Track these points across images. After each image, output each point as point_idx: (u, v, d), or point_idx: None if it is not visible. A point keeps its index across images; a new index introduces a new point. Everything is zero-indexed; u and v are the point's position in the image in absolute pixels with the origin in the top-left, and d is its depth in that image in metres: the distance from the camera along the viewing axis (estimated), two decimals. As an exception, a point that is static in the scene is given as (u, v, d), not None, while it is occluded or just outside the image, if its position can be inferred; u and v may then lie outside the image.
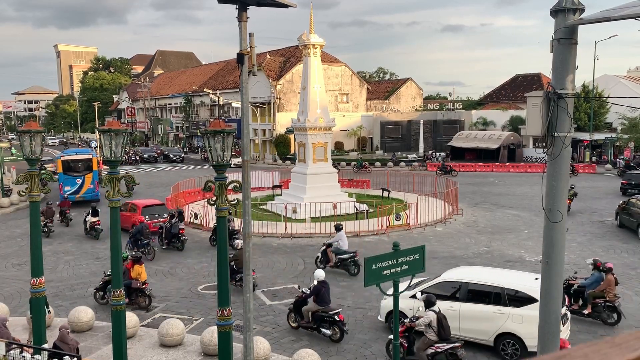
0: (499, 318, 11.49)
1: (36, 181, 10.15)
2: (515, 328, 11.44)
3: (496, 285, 11.98)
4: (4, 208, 31.84)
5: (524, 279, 12.43)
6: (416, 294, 12.30)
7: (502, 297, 11.74)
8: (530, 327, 10.70)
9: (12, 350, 9.69)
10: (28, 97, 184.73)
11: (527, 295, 11.48)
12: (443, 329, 10.92)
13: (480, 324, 11.72)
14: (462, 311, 11.92)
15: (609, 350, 0.92)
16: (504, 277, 12.70)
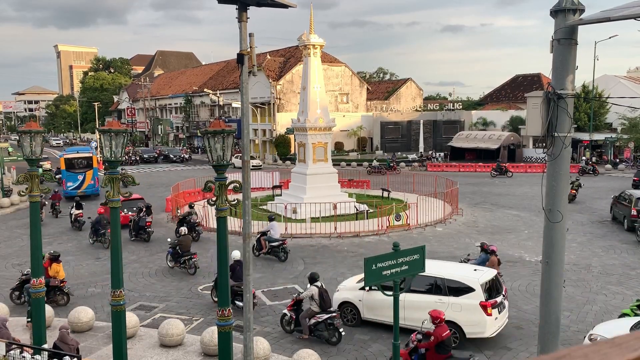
0: (440, 307, 11.84)
1: (36, 181, 10.15)
2: (454, 316, 11.93)
3: (437, 276, 12.51)
4: (4, 208, 31.84)
5: (464, 270, 13.07)
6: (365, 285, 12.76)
7: (443, 287, 12.33)
8: (468, 315, 11.83)
9: (12, 350, 9.69)
10: (28, 97, 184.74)
11: (465, 285, 12.12)
12: (324, 301, 12.46)
13: (423, 313, 11.89)
14: (406, 301, 12.27)
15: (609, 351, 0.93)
16: (445, 268, 13.27)
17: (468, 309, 11.80)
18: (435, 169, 48.31)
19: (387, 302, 11.91)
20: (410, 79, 77.46)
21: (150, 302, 15.59)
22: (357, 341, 12.68)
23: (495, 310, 11.91)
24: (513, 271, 17.87)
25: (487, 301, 11.80)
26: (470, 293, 11.92)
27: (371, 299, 13.02)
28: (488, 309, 11.73)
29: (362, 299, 13.20)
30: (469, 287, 12.03)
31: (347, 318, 13.42)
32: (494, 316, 11.86)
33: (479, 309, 11.76)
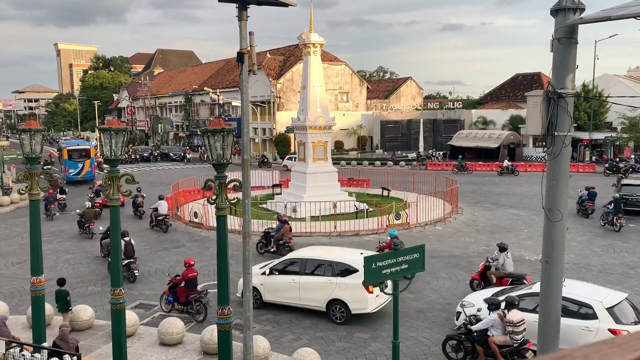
0: (330, 287, 13.59)
1: (36, 180, 10.15)
2: (341, 295, 13.51)
3: (327, 259, 14.10)
4: (4, 206, 31.83)
5: (351, 254, 14.69)
6: (265, 271, 14.58)
7: (332, 269, 13.81)
8: (353, 293, 13.38)
9: (11, 348, 9.69)
10: (28, 95, 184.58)
11: (352, 267, 13.60)
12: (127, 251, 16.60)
13: (315, 293, 13.78)
14: (301, 283, 13.97)
15: (609, 351, 0.92)
16: (335, 252, 15.03)
17: (353, 288, 13.30)
18: (435, 167, 48.31)
19: (285, 285, 14.14)
20: (410, 78, 77.43)
21: (150, 300, 15.59)
22: (357, 340, 12.69)
23: (377, 288, 12.76)
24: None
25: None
26: (355, 274, 13.29)
27: (271, 282, 14.40)
28: (370, 287, 13.06)
29: (263, 283, 14.51)
30: (354, 268, 13.46)
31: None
32: (375, 294, 13.27)
33: (361, 287, 13.12)
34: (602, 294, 11.48)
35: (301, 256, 14.75)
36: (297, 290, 13.81)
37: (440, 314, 14.22)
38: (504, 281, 14.88)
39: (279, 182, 34.06)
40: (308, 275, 14.03)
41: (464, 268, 18.19)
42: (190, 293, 14.04)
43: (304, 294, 13.91)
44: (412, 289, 14.93)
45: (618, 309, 11.01)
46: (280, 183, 33.45)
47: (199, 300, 14.02)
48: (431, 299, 15.38)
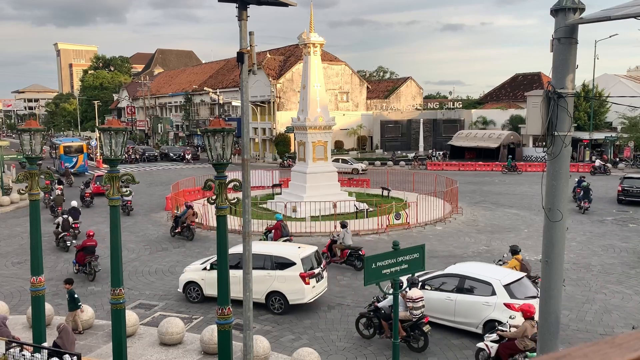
0: (269, 280, 14.37)
1: (36, 180, 10.14)
2: (280, 287, 14.30)
3: (267, 254, 14.79)
4: (4, 206, 31.83)
5: (288, 248, 15.58)
6: (206, 266, 15.15)
7: (271, 263, 14.56)
8: (290, 285, 14.14)
9: (11, 348, 9.69)
10: (28, 95, 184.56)
11: (289, 260, 14.44)
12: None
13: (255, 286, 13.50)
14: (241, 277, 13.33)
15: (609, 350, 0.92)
16: (273, 247, 15.98)
17: (290, 280, 14.14)
18: (435, 167, 48.31)
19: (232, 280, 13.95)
20: (410, 77, 77.41)
21: (150, 300, 15.60)
22: (357, 340, 12.69)
23: (313, 280, 14.27)
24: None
25: (306, 272, 14.11)
26: (293, 266, 14.22)
27: (212, 277, 14.15)
28: (306, 279, 14.04)
29: (204, 277, 15.06)
30: (291, 261, 14.32)
31: (192, 296, 15.28)
32: (312, 285, 14.17)
33: (299, 279, 14.02)
34: (500, 274, 13.08)
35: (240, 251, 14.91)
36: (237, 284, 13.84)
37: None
38: (344, 253, 18.30)
39: (279, 182, 34.07)
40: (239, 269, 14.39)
41: (464, 268, 18.17)
42: (86, 257, 17.47)
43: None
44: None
45: (514, 286, 12.50)
46: (280, 183, 33.45)
47: (90, 264, 17.42)
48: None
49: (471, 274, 13.05)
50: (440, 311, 12.86)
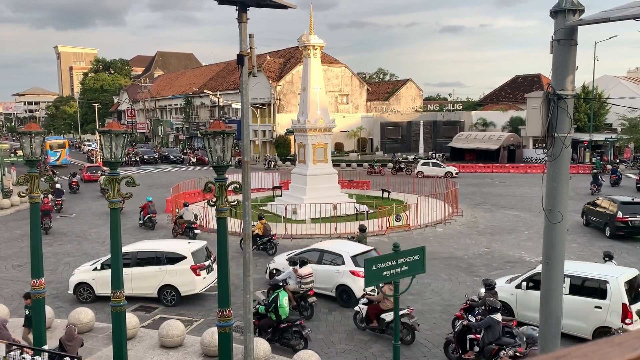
0: (160, 275, 15.32)
1: (36, 182, 10.15)
2: (172, 280, 15.25)
3: (158, 250, 15.80)
4: (4, 209, 31.84)
5: (178, 244, 16.85)
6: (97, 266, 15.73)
7: (162, 259, 15.49)
8: (181, 278, 15.20)
9: (12, 351, 9.69)
10: (28, 98, 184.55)
11: (179, 255, 15.48)
12: None
13: (147, 282, 15.37)
14: (133, 274, 15.18)
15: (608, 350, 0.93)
16: (163, 244, 17.04)
17: (182, 273, 15.18)
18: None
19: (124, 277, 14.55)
20: (410, 79, 77.46)
21: (150, 303, 15.59)
22: (357, 342, 12.68)
23: (204, 271, 15.38)
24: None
25: (196, 265, 15.15)
26: (183, 260, 15.29)
27: (103, 277, 15.01)
28: (197, 270, 15.14)
29: (95, 278, 15.63)
30: (182, 255, 15.37)
31: (83, 296, 15.71)
32: (202, 276, 15.30)
33: (189, 271, 15.11)
34: (351, 248, 15.73)
35: (131, 250, 15.81)
36: (129, 281, 14.52)
37: (441, 315, 14.21)
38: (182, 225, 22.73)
39: (279, 184, 34.08)
40: (139, 266, 15.45)
41: (465, 270, 18.18)
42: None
43: (135, 283, 15.20)
44: (412, 291, 14.91)
45: (360, 257, 14.79)
46: (281, 185, 33.46)
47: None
48: (432, 300, 15.37)
49: (328, 249, 15.87)
50: None
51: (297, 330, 12.28)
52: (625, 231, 21.84)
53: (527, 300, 12.75)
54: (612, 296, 11.79)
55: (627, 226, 21.76)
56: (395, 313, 9.33)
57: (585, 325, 12.16)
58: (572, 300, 12.09)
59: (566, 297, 11.74)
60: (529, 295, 12.72)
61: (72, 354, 10.10)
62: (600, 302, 11.92)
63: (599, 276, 12.26)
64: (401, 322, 11.97)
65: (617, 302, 11.70)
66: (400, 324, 11.68)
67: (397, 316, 9.35)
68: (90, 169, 45.34)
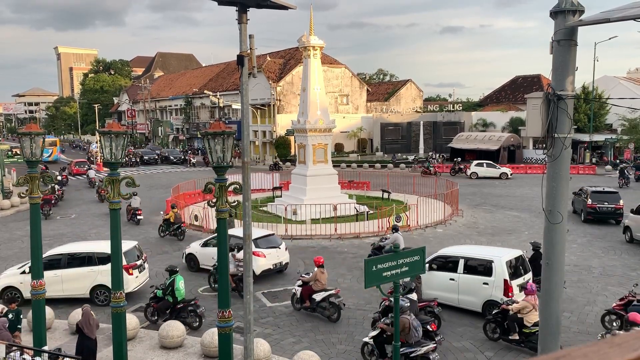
0: (92, 275, 15.52)
1: (36, 183, 10.15)
2: (104, 280, 15.00)
3: (89, 251, 15.96)
4: (5, 210, 31.83)
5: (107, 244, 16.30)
6: (25, 269, 15.35)
7: (93, 259, 15.69)
8: None
9: (12, 352, 9.69)
10: (28, 99, 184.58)
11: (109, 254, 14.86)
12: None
13: (79, 283, 15.45)
14: (64, 275, 15.43)
15: (608, 350, 0.93)
16: (94, 245, 17.17)
17: None
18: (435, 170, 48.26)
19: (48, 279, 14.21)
20: (410, 80, 77.46)
21: (151, 303, 15.57)
22: (358, 342, 12.67)
23: (136, 270, 15.70)
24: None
25: (128, 264, 15.11)
26: None
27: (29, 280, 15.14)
28: (130, 270, 15.25)
29: (22, 281, 15.45)
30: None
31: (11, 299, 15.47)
32: (135, 275, 15.59)
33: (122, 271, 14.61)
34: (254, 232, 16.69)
35: (61, 252, 16.10)
36: (59, 283, 15.00)
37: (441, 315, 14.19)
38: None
39: (279, 184, 34.08)
40: (70, 267, 15.62)
41: (465, 270, 18.14)
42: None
43: (67, 285, 15.43)
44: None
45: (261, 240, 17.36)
46: (281, 186, 33.46)
47: None
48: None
49: (236, 234, 16.94)
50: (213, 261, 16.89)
51: (192, 310, 13.54)
52: (594, 216, 25.21)
53: (430, 280, 14.41)
54: (496, 273, 13.43)
55: (595, 211, 25.14)
56: (396, 313, 9.33)
57: (476, 300, 13.78)
58: (465, 279, 13.99)
59: (461, 276, 14.05)
60: (432, 276, 14.35)
61: (91, 336, 10.52)
62: (487, 279, 13.57)
63: (486, 256, 13.97)
64: (329, 302, 13.75)
65: (500, 279, 13.33)
66: (327, 303, 13.81)
67: (397, 317, 9.35)
68: (78, 164, 51.93)
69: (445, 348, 12.21)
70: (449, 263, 14.49)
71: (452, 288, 14.19)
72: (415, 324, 11.01)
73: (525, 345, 11.98)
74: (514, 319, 11.99)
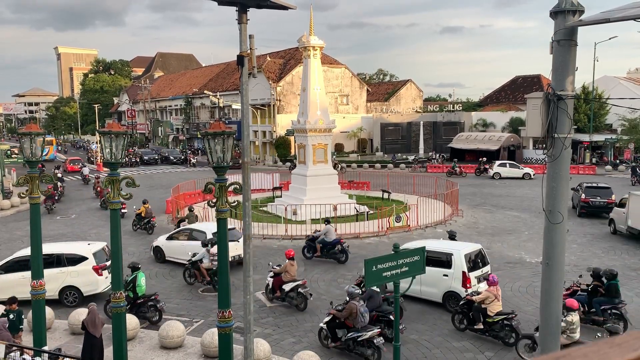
0: (61, 277, 15.45)
1: (36, 183, 10.15)
2: (74, 281, 15.53)
3: (56, 252, 15.81)
4: (5, 210, 31.83)
5: (79, 245, 17.14)
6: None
7: (62, 260, 15.67)
8: (83, 279, 15.58)
9: (12, 352, 9.69)
10: (28, 99, 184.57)
11: (80, 256, 15.83)
12: None
13: (49, 284, 14.14)
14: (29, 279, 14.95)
15: (608, 350, 0.93)
16: (63, 246, 16.96)
17: (84, 273, 15.56)
18: (435, 170, 48.32)
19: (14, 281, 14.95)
20: (410, 80, 77.47)
21: (151, 303, 15.57)
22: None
23: (106, 271, 15.72)
24: (513, 272, 17.86)
25: (98, 265, 15.63)
26: (85, 261, 15.69)
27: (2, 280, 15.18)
28: (99, 271, 15.61)
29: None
30: (83, 256, 15.77)
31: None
32: (104, 276, 15.67)
33: (92, 272, 15.55)
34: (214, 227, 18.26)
35: (22, 255, 15.85)
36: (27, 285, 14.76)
37: (441, 315, 14.21)
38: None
39: (279, 184, 34.07)
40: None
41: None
42: None
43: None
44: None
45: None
46: (281, 186, 33.46)
47: None
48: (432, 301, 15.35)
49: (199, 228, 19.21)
50: (177, 253, 19.27)
51: (152, 305, 14.00)
52: (587, 209, 26.62)
53: None
54: (455, 266, 14.24)
55: (588, 205, 26.59)
56: (396, 314, 9.33)
57: (437, 291, 14.66)
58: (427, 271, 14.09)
59: None
60: None
61: (95, 334, 10.57)
62: (447, 271, 14.38)
63: (446, 250, 14.75)
64: (297, 292, 14.71)
65: (459, 271, 14.12)
66: (295, 293, 14.66)
67: (397, 318, 9.34)
68: (72, 162, 54.95)
69: (446, 348, 12.20)
70: None
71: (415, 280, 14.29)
72: (363, 310, 11.67)
73: (489, 334, 12.43)
74: (478, 309, 12.52)
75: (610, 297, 12.99)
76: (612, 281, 13.14)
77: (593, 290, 13.28)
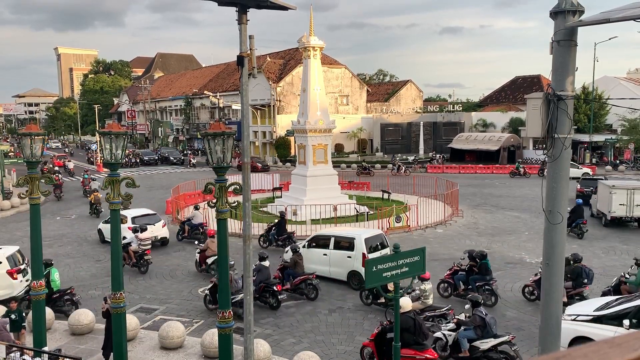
0: None
1: (36, 184, 10.15)
2: None
3: None
4: (5, 211, 31.83)
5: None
6: None
7: None
8: None
9: (12, 353, 9.68)
10: (28, 99, 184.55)
11: None
12: None
13: None
14: None
15: (608, 350, 0.93)
16: None
17: None
18: (435, 170, 48.33)
19: None
20: (410, 80, 77.48)
21: (151, 304, 15.59)
22: (358, 343, 12.66)
23: (20, 275, 15.82)
24: (513, 272, 17.86)
25: (12, 269, 15.61)
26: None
27: None
28: (14, 274, 15.65)
29: None
30: None
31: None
32: (19, 279, 15.75)
33: (6, 276, 15.51)
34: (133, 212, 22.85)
35: None
36: None
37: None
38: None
39: (279, 185, 34.07)
40: None
41: (465, 271, 18.15)
42: None
43: None
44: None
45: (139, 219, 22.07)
46: (281, 186, 33.46)
47: None
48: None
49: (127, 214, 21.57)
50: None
51: (68, 299, 14.63)
52: (581, 198, 26.62)
53: (309, 256, 17.07)
54: (357, 249, 16.25)
55: (582, 195, 28.36)
56: (396, 315, 9.32)
57: (342, 271, 16.65)
58: (334, 254, 16.90)
59: (331, 251, 16.97)
60: (310, 253, 17.25)
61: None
62: (350, 253, 16.44)
63: (350, 235, 17.07)
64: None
65: (359, 252, 16.09)
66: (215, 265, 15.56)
67: (397, 318, 9.33)
68: (59, 157, 60.55)
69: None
70: (323, 241, 17.57)
71: (325, 262, 17.10)
72: (236, 277, 14.01)
73: (388, 307, 13.08)
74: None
75: (482, 274, 14.88)
76: (483, 261, 15.02)
77: (469, 270, 15.20)
